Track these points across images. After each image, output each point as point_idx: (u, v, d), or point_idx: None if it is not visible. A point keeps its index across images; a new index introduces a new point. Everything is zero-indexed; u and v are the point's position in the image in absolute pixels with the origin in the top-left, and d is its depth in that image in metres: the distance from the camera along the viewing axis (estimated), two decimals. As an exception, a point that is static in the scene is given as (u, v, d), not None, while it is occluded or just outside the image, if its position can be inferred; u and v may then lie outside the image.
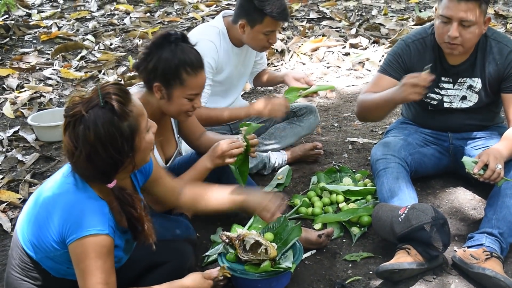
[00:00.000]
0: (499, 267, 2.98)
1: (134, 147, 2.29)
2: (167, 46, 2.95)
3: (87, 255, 2.26)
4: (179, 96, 2.96)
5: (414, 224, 3.02)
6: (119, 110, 2.22)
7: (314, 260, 3.25)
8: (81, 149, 2.20)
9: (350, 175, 3.92)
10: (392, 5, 7.22)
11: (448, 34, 3.26)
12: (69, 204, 2.29)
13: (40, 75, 5.77)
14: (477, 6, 3.21)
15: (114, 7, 7.54)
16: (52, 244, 2.31)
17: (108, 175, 2.29)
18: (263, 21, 3.62)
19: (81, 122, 2.18)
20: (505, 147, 3.24)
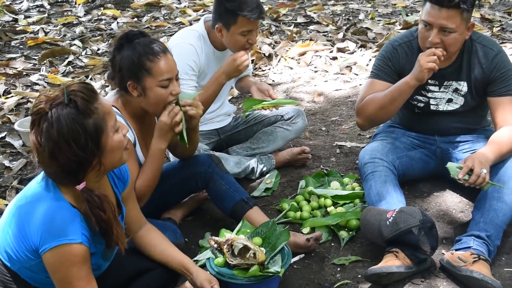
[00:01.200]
0: (487, 269, 3.00)
1: (100, 146, 2.27)
2: (126, 45, 2.97)
3: (61, 264, 2.26)
4: (151, 86, 2.95)
5: (402, 228, 3.03)
6: (83, 107, 2.21)
7: (303, 264, 3.25)
8: (44, 146, 2.20)
9: (338, 179, 3.93)
10: (379, 9, 7.25)
11: (429, 40, 3.28)
12: (41, 213, 2.27)
13: (27, 81, 5.76)
14: (459, 14, 3.21)
15: (102, 12, 7.54)
16: (27, 254, 2.30)
17: (74, 175, 2.26)
18: (236, 21, 3.61)
19: (45, 119, 2.19)
20: (491, 151, 3.25)
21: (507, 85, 3.44)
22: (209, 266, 2.97)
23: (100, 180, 2.44)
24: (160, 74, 2.95)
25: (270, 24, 6.90)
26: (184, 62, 3.62)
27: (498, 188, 3.22)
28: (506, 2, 7.19)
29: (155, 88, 2.96)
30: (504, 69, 3.44)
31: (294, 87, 5.50)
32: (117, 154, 2.37)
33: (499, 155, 3.28)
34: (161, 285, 2.81)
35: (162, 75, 2.96)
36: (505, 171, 3.29)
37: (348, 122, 4.79)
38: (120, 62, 2.96)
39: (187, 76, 3.65)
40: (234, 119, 4.25)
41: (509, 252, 3.27)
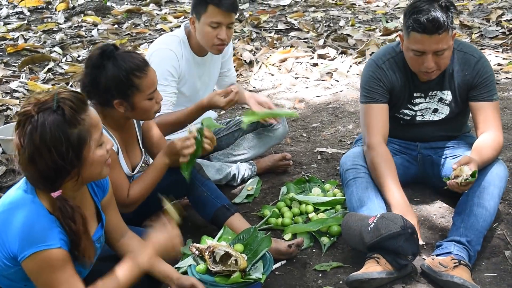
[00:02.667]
0: (467, 274, 3.02)
1: (81, 158, 2.27)
2: (107, 63, 2.93)
3: (43, 270, 2.26)
4: (140, 101, 2.97)
5: (383, 233, 3.04)
6: (69, 116, 2.22)
7: (284, 271, 3.25)
8: (25, 148, 2.20)
9: (319, 185, 3.94)
10: (359, 16, 7.28)
11: (425, 66, 3.29)
12: (19, 221, 2.26)
13: (6, 88, 5.74)
14: (447, 33, 3.23)
15: (82, 19, 7.52)
16: (5, 262, 2.29)
17: (51, 182, 2.27)
18: (206, 10, 3.61)
19: (31, 122, 2.19)
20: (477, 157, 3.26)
21: (489, 90, 3.46)
22: (191, 273, 2.97)
23: (78, 190, 2.44)
24: (148, 89, 2.98)
25: (251, 31, 6.91)
26: (164, 68, 3.63)
27: (478, 194, 3.25)
28: (485, 8, 7.24)
29: (143, 102, 2.99)
30: (486, 75, 3.47)
31: (275, 93, 5.51)
32: (96, 168, 2.37)
33: (481, 163, 3.29)
34: None
35: (149, 89, 2.99)
36: (484, 177, 3.31)
37: (329, 128, 4.80)
38: (106, 82, 2.92)
39: (166, 82, 3.64)
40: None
41: (489, 257, 3.29)
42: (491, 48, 6.15)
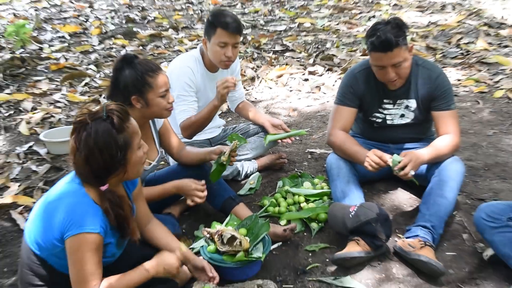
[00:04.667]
0: (432, 254, 3.02)
1: (126, 158, 2.35)
2: (126, 66, 3.00)
3: (78, 249, 2.28)
4: (153, 98, 3.02)
5: (362, 220, 3.06)
6: (117, 124, 2.29)
7: (280, 251, 3.25)
8: (81, 151, 2.27)
9: (310, 180, 3.93)
10: (343, 39, 7.28)
11: (387, 77, 3.33)
12: (69, 206, 2.31)
13: (50, 99, 5.74)
14: (400, 48, 3.25)
15: (112, 42, 7.52)
16: (54, 242, 2.32)
17: (101, 178, 2.34)
18: (215, 32, 3.63)
19: (85, 129, 2.27)
20: (428, 154, 3.31)
21: (447, 101, 3.47)
22: (203, 252, 2.98)
23: (119, 185, 2.50)
24: (159, 87, 3.02)
25: (253, 52, 6.91)
26: (183, 81, 3.67)
27: (440, 187, 3.27)
28: (446, 33, 7.24)
29: (156, 99, 3.02)
30: (445, 88, 3.48)
31: (273, 103, 5.51)
32: (137, 167, 2.45)
33: (435, 157, 3.34)
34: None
35: (161, 87, 3.02)
36: (445, 172, 3.33)
37: (318, 132, 4.80)
38: (125, 80, 2.99)
39: (186, 92, 3.68)
40: (223, 130, 4.25)
41: (450, 239, 3.29)
42: (452, 66, 6.15)
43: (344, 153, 3.55)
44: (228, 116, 5.14)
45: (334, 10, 8.62)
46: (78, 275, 2.35)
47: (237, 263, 2.90)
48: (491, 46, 6.77)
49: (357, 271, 3.06)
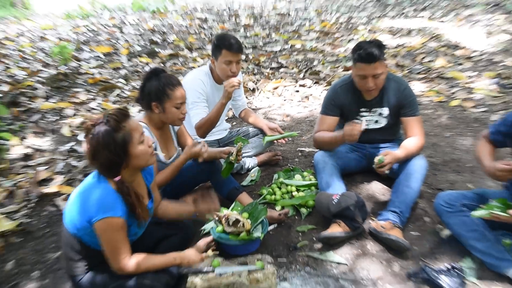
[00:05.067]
0: (400, 233, 3.04)
1: (127, 152, 2.37)
2: (153, 78, 3.04)
3: (106, 229, 2.34)
4: (169, 107, 3.04)
5: (343, 206, 3.07)
6: (114, 125, 2.32)
7: (276, 231, 3.26)
8: (90, 150, 2.33)
9: (300, 173, 3.93)
10: (327, 58, 7.28)
11: (367, 86, 3.34)
12: (95, 195, 2.35)
13: (88, 107, 5.74)
14: (380, 62, 3.27)
15: (139, 60, 7.53)
16: (85, 224, 2.37)
17: (112, 171, 2.38)
18: (221, 53, 3.64)
19: (91, 132, 2.32)
20: (402, 153, 3.34)
21: (413, 109, 3.49)
22: (212, 232, 3.00)
23: (134, 176, 2.51)
24: (176, 99, 3.04)
25: (253, 68, 6.92)
26: (195, 91, 3.69)
27: (407, 179, 3.29)
28: (412, 53, 7.24)
29: (171, 108, 3.05)
30: (411, 98, 3.50)
31: (270, 110, 5.51)
32: (142, 159, 2.44)
33: (406, 156, 3.36)
34: (179, 245, 2.82)
35: (177, 100, 3.04)
36: (411, 167, 3.34)
37: (307, 134, 4.80)
38: (150, 88, 3.03)
39: (198, 99, 3.70)
40: (229, 132, 4.24)
41: (414, 222, 3.30)
42: (416, 80, 6.16)
43: (325, 142, 3.57)
44: (233, 121, 5.15)
45: (320, 34, 8.62)
46: (110, 251, 2.41)
47: (241, 241, 2.92)
48: (448, 64, 6.78)
49: (338, 247, 3.07)
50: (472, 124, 4.90)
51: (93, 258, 2.53)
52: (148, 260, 2.50)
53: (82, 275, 2.57)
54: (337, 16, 9.98)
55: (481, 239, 2.82)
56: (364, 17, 9.79)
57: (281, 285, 2.73)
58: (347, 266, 2.91)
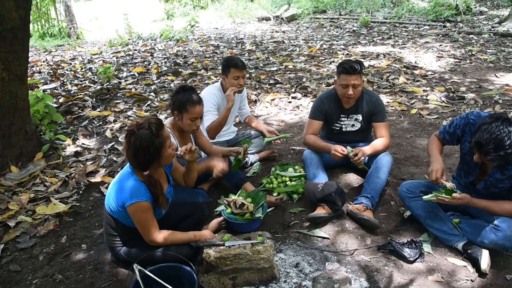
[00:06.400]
0: (371, 214, 3.03)
1: (160, 154, 2.36)
2: (181, 92, 3.01)
3: (136, 211, 2.34)
4: (186, 118, 2.99)
5: (326, 192, 3.05)
6: (155, 132, 2.31)
7: (273, 213, 3.24)
8: (131, 149, 2.31)
9: (292, 166, 3.90)
10: (313, 76, 7.24)
11: (347, 93, 3.31)
12: (127, 185, 2.36)
13: (125, 115, 5.72)
14: (359, 75, 3.25)
15: (165, 77, 7.50)
16: (119, 208, 2.38)
17: (144, 166, 2.36)
18: (230, 71, 3.66)
19: (134, 135, 2.30)
20: (369, 149, 3.33)
21: (382, 116, 3.47)
22: (223, 213, 2.98)
23: (158, 169, 2.51)
24: (192, 114, 2.99)
25: (255, 84, 6.89)
26: (210, 102, 3.67)
27: (376, 171, 3.27)
28: (380, 72, 7.20)
29: (187, 120, 3.00)
30: (380, 107, 3.47)
31: (268, 117, 5.48)
32: (168, 159, 2.43)
33: (374, 151, 3.35)
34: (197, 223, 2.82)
35: (193, 115, 3.00)
36: (380, 162, 3.32)
37: (298, 136, 4.77)
38: (176, 101, 3.00)
39: (212, 109, 3.68)
40: (236, 134, 4.21)
41: (383, 205, 3.28)
42: (383, 93, 6.12)
43: (315, 148, 3.53)
44: (239, 126, 5.12)
45: (307, 57, 8.58)
46: (142, 227, 2.41)
47: (245, 220, 2.90)
48: (408, 80, 6.74)
49: (322, 225, 3.05)
50: (428, 128, 4.87)
51: (128, 234, 2.52)
52: (173, 236, 2.49)
53: (120, 248, 2.57)
54: (321, 43, 9.93)
55: (435, 218, 2.81)
56: (342, 44, 9.75)
57: (278, 255, 2.71)
58: (330, 240, 2.88)
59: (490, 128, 2.28)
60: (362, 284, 2.46)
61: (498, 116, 2.33)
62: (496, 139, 2.26)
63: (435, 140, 2.96)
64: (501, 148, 2.26)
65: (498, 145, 2.26)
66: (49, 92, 6.64)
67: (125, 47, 10.89)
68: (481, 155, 2.37)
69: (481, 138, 2.30)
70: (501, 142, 2.25)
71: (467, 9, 13.18)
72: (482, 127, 2.33)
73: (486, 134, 2.28)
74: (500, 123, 2.28)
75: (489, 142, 2.27)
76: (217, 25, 14.19)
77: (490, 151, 2.29)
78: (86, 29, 15.00)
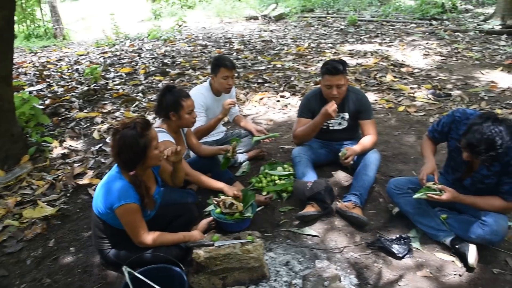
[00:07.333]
0: (360, 212, 3.04)
1: (146, 154, 2.33)
2: (168, 93, 3.00)
3: (124, 213, 2.32)
4: (184, 114, 2.99)
5: (315, 190, 3.05)
6: (140, 131, 2.29)
7: (263, 212, 3.24)
8: (115, 148, 2.30)
9: (281, 165, 3.90)
10: (301, 74, 7.25)
11: (332, 94, 3.32)
12: (114, 187, 2.33)
13: (113, 116, 5.67)
14: (343, 76, 3.26)
15: (153, 78, 7.45)
16: (107, 210, 2.36)
17: (130, 166, 2.33)
18: (219, 70, 3.65)
19: (119, 133, 2.28)
20: (359, 148, 3.33)
21: (368, 113, 3.49)
22: (212, 213, 2.96)
23: (145, 171, 2.49)
24: (188, 108, 3.00)
25: (244, 83, 6.88)
26: (198, 103, 3.63)
27: (365, 168, 3.29)
28: (368, 70, 7.24)
29: (185, 115, 3.00)
30: (367, 105, 3.49)
31: (257, 116, 5.48)
32: (155, 160, 2.42)
33: (363, 150, 3.35)
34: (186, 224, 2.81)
35: (189, 108, 3.01)
36: (368, 159, 3.33)
37: (286, 135, 4.78)
38: (167, 102, 2.99)
39: (199, 110, 3.64)
40: (225, 134, 4.20)
41: (371, 202, 3.30)
42: (371, 91, 6.15)
43: (307, 132, 3.51)
44: (228, 125, 5.10)
45: (295, 56, 8.59)
46: (131, 229, 2.40)
47: (235, 220, 2.89)
48: (395, 78, 6.78)
49: (312, 223, 3.06)
50: (415, 125, 4.91)
51: (116, 236, 2.51)
52: (162, 237, 2.48)
53: (109, 250, 2.55)
54: (309, 42, 9.95)
55: (423, 214, 2.83)
56: (330, 43, 9.78)
57: (267, 254, 2.71)
58: (319, 238, 2.89)
59: (481, 128, 2.30)
60: (351, 281, 2.48)
61: (488, 116, 2.34)
62: (487, 140, 2.27)
63: (426, 140, 2.99)
64: (493, 148, 2.27)
65: (490, 145, 2.27)
66: (35, 93, 6.58)
67: (112, 47, 10.82)
68: (473, 155, 2.38)
69: (473, 138, 2.31)
70: (492, 142, 2.26)
71: (453, 7, 13.32)
72: (473, 127, 2.34)
73: (478, 135, 2.30)
74: (490, 123, 2.29)
75: (481, 142, 2.28)
76: (205, 24, 14.16)
77: (482, 152, 2.30)
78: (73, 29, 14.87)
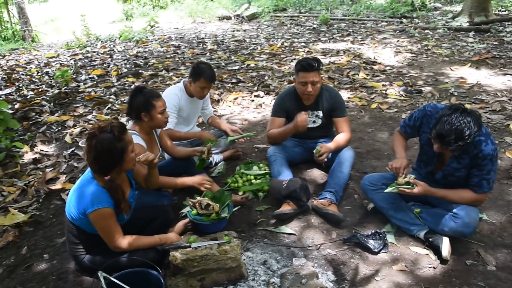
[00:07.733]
0: (336, 208, 3.06)
1: (122, 159, 2.30)
2: (138, 94, 2.97)
3: (98, 218, 2.29)
4: (155, 114, 2.96)
5: (291, 189, 3.06)
6: (117, 135, 2.26)
7: (239, 212, 3.22)
8: (91, 153, 2.25)
9: (257, 165, 3.90)
10: (275, 74, 7.27)
11: (307, 91, 3.33)
12: (87, 192, 2.30)
13: (85, 119, 5.58)
14: (318, 73, 3.29)
15: (126, 80, 7.35)
16: (80, 215, 2.32)
17: (106, 171, 2.30)
18: (199, 80, 3.61)
19: (95, 138, 2.24)
20: (333, 146, 3.36)
21: (342, 111, 3.52)
22: (189, 215, 2.94)
23: (120, 174, 2.46)
24: (160, 107, 2.97)
25: (218, 83, 6.86)
26: (171, 104, 3.60)
27: (339, 166, 3.32)
28: (341, 69, 7.32)
29: (157, 115, 2.97)
30: (340, 103, 3.53)
31: (232, 116, 5.47)
32: (130, 164, 2.39)
33: (337, 147, 3.38)
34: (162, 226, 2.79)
35: (160, 108, 2.98)
36: (342, 156, 3.37)
37: (261, 134, 4.78)
38: (138, 103, 2.95)
39: (172, 111, 3.60)
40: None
41: (347, 199, 3.33)
42: (344, 89, 6.22)
43: (280, 136, 3.54)
44: (202, 126, 5.08)
45: (269, 55, 8.61)
46: (105, 234, 2.36)
47: (211, 220, 2.87)
48: (368, 76, 6.88)
49: (288, 222, 3.07)
50: (388, 121, 4.98)
51: (90, 241, 2.46)
52: (138, 240, 2.45)
53: (83, 255, 2.51)
54: (282, 41, 10.00)
55: (397, 209, 2.88)
56: (303, 41, 9.85)
57: (245, 254, 2.71)
58: (296, 236, 2.91)
59: (450, 119, 2.36)
60: (329, 278, 2.50)
61: (456, 108, 2.41)
62: (456, 130, 2.33)
63: (397, 136, 3.05)
64: (461, 139, 2.34)
65: (459, 136, 2.33)
66: (3, 98, 6.41)
67: (83, 49, 10.62)
68: (442, 146, 2.44)
69: (442, 129, 2.37)
70: (461, 133, 2.33)
71: (422, 5, 13.60)
72: (442, 118, 2.40)
73: (447, 126, 2.36)
74: (459, 114, 2.36)
75: (450, 133, 2.35)
76: (177, 25, 14.06)
77: (451, 142, 2.36)
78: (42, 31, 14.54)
